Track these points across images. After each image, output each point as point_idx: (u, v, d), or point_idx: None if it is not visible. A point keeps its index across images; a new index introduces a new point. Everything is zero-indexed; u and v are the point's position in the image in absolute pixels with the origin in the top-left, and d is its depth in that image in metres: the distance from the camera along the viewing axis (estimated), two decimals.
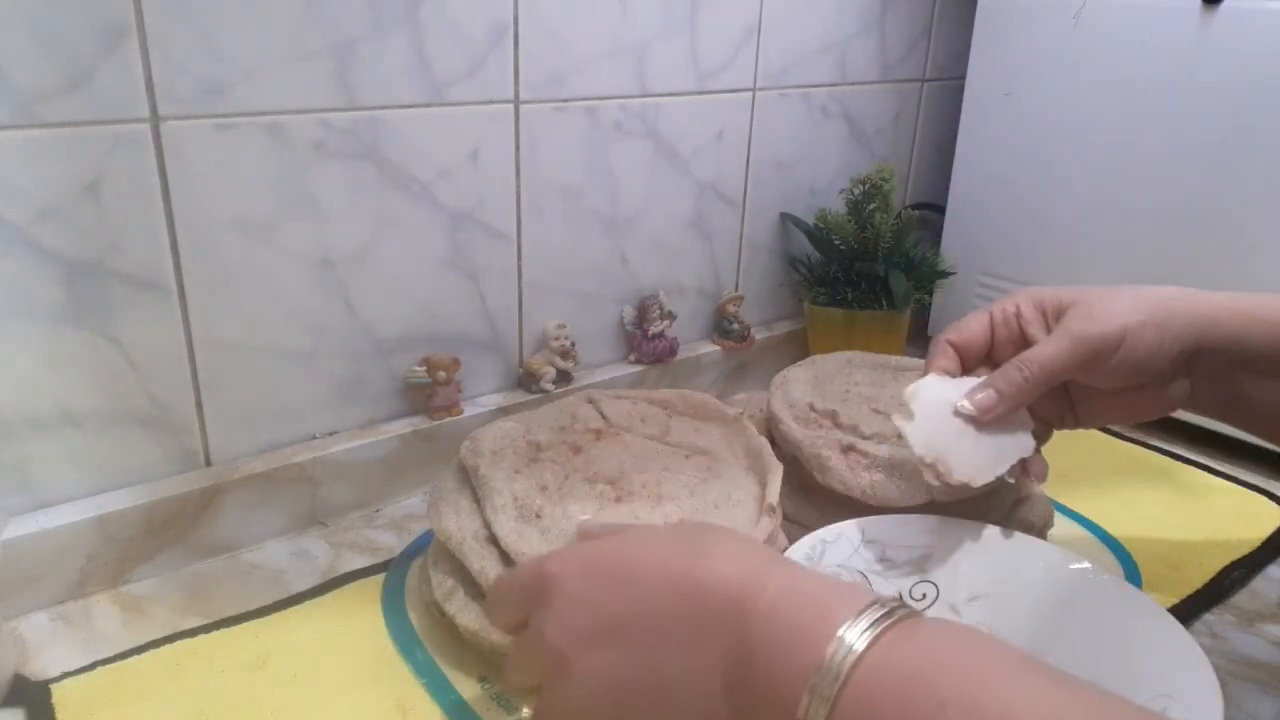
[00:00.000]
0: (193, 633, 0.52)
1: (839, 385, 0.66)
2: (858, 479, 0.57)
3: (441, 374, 0.67)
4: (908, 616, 0.30)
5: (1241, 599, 0.58)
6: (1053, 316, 0.50)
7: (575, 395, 0.63)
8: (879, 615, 0.30)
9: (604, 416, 0.61)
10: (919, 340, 0.96)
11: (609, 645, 0.34)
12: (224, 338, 0.59)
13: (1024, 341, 0.51)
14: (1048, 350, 0.48)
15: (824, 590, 0.32)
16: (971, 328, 0.52)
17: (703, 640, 0.33)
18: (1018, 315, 0.51)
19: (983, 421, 0.49)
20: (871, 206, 0.83)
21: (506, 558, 0.49)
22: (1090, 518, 0.66)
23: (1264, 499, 0.70)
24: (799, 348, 0.90)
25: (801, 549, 0.49)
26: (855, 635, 0.29)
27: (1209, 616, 0.56)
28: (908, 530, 0.52)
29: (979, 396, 0.49)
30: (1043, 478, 0.51)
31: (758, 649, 0.31)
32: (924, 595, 0.50)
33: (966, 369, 0.52)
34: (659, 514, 0.50)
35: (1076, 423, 0.53)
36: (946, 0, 0.94)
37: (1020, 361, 0.49)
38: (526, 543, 0.48)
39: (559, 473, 0.53)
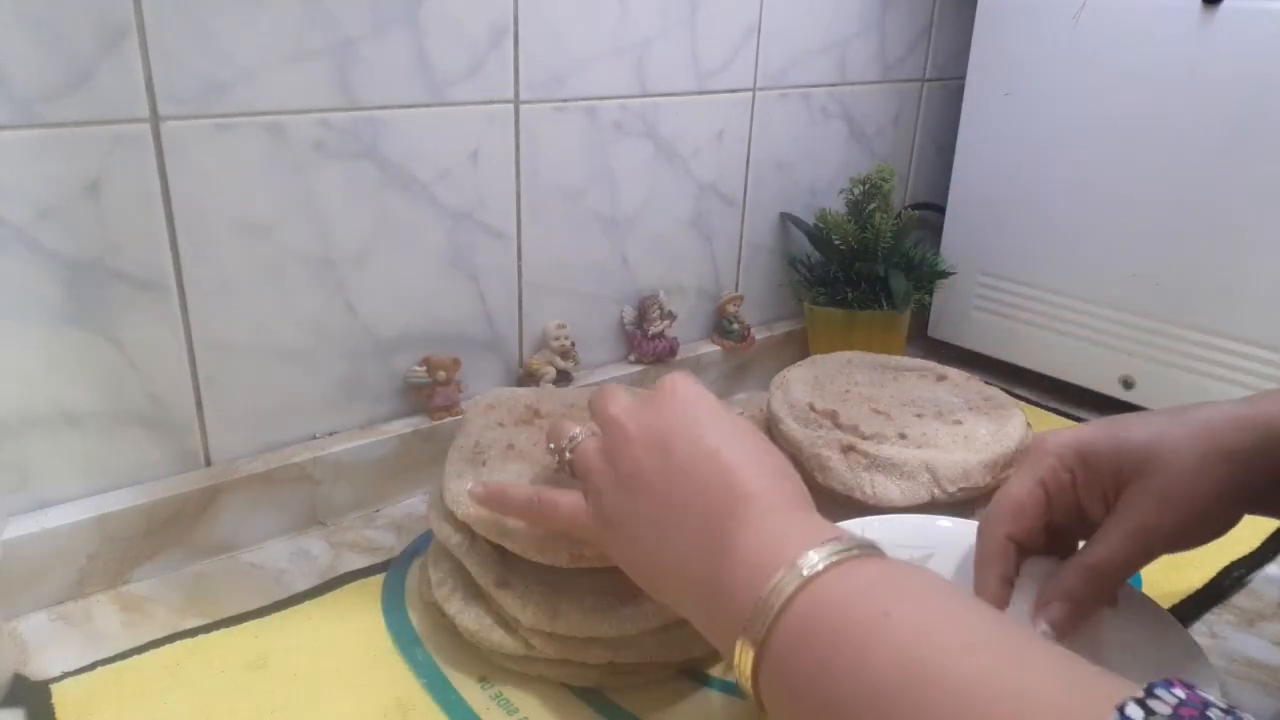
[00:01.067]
0: (193, 633, 0.52)
1: (839, 385, 0.66)
2: (858, 479, 0.57)
3: (441, 374, 0.67)
4: (871, 553, 0.34)
5: (1241, 599, 0.58)
6: (1111, 488, 0.43)
7: (608, 383, 0.64)
8: (846, 546, 0.34)
9: None
10: (919, 340, 0.96)
11: (655, 452, 0.40)
12: (224, 338, 0.59)
13: (1079, 511, 0.44)
14: (1109, 552, 0.42)
15: (806, 521, 0.37)
16: (1028, 513, 0.44)
17: (715, 516, 0.38)
18: (1073, 483, 0.44)
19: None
20: (871, 206, 0.83)
21: (503, 559, 0.49)
22: None
23: None
24: (799, 348, 0.90)
25: None
26: (818, 556, 0.33)
27: (1209, 616, 0.56)
28: (908, 530, 0.52)
29: (1055, 615, 0.42)
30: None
31: (738, 550, 0.36)
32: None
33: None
34: None
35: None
36: (946, 0, 0.94)
37: (1084, 570, 0.42)
38: (458, 481, 0.50)
39: (536, 438, 0.54)
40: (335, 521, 0.64)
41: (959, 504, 0.56)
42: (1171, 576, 0.59)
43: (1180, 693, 0.25)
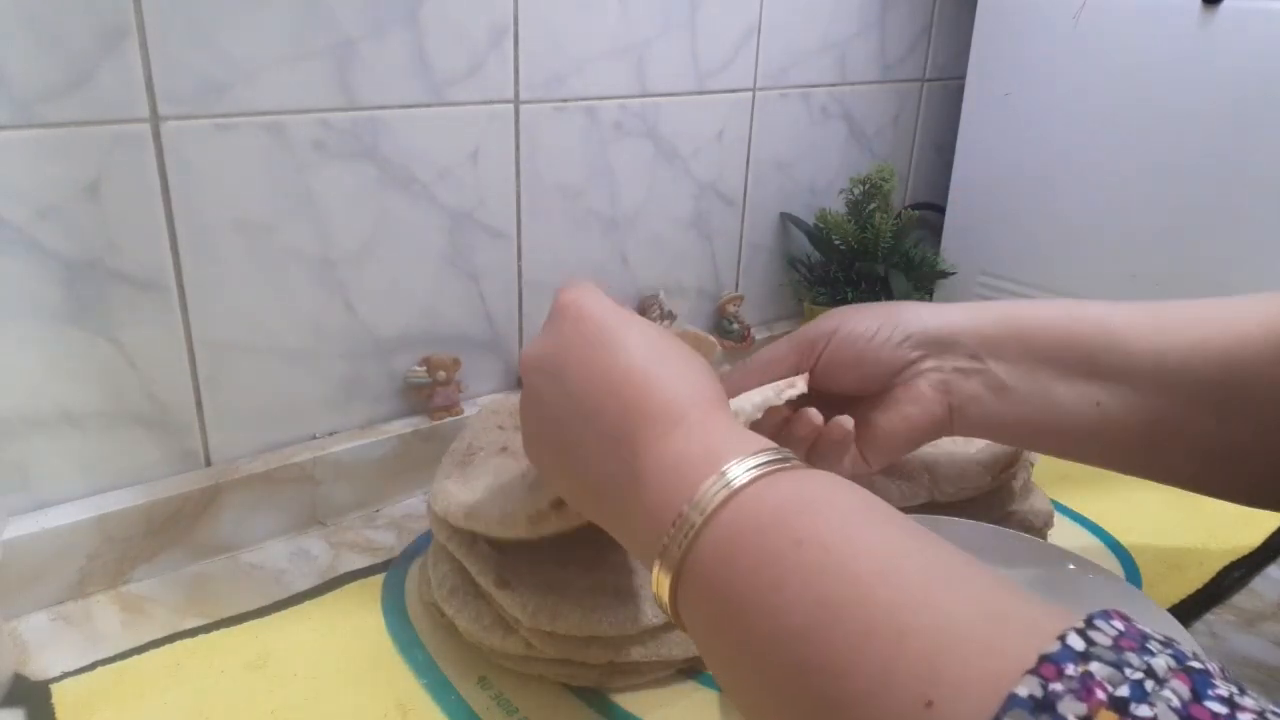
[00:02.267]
0: (193, 633, 0.52)
1: None
2: (857, 478, 0.56)
3: (441, 374, 0.67)
4: (795, 465, 0.32)
5: (1241, 599, 0.58)
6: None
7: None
8: (766, 460, 0.32)
9: None
10: None
11: (551, 380, 0.39)
12: (224, 338, 0.59)
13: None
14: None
15: (725, 431, 0.34)
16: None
17: (616, 440, 0.36)
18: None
19: None
20: (871, 206, 0.83)
21: (503, 559, 0.49)
22: (1090, 518, 0.66)
23: None
24: None
25: None
26: (736, 471, 0.31)
27: (1209, 616, 0.56)
28: None
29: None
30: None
31: (646, 475, 0.34)
32: None
33: None
34: None
35: (867, 464, 0.50)
36: (946, 0, 0.94)
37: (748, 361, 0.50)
38: (445, 480, 0.51)
39: None
40: (335, 521, 0.64)
41: (958, 504, 0.56)
42: (1171, 577, 0.59)
43: (1119, 624, 0.24)
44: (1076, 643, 0.23)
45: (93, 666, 0.49)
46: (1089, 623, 0.24)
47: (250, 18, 0.54)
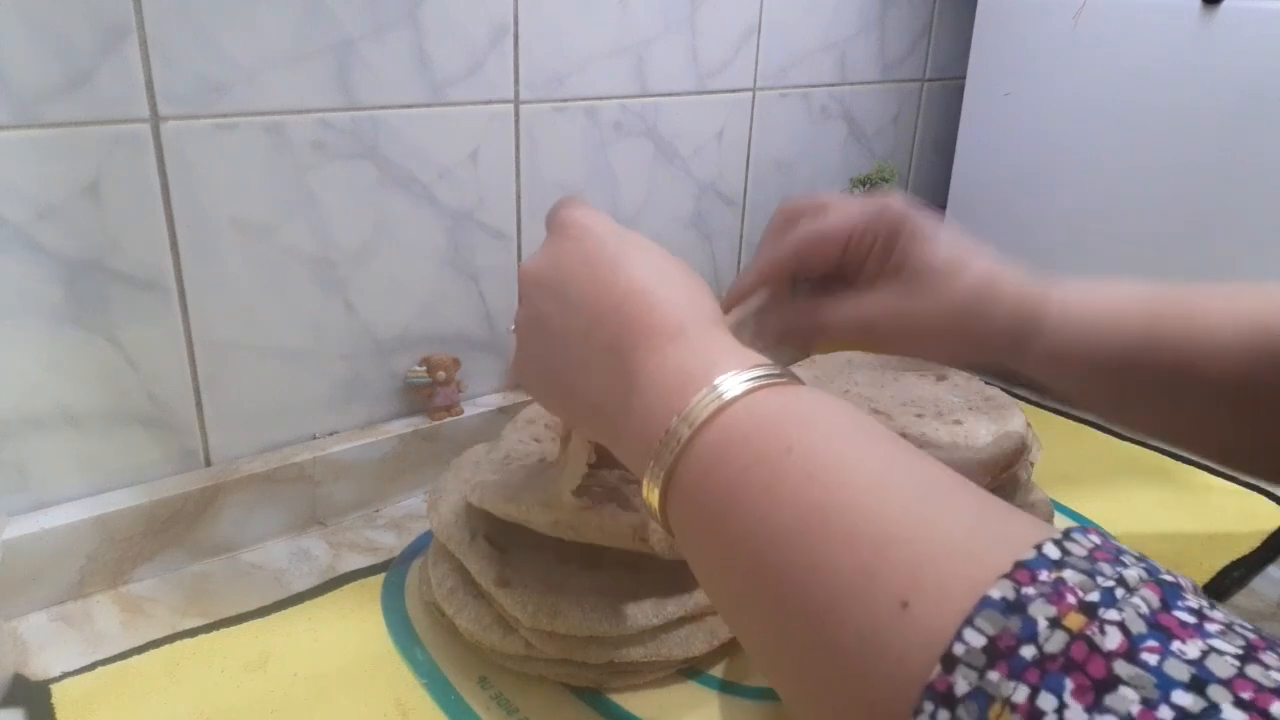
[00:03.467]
0: (193, 633, 0.52)
1: (839, 385, 0.66)
2: None
3: (441, 374, 0.67)
4: (788, 382, 0.33)
5: (1241, 599, 0.58)
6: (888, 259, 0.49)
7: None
8: (759, 375, 0.32)
9: None
10: None
11: (551, 296, 0.40)
12: (224, 338, 0.59)
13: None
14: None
15: (721, 347, 0.35)
16: (824, 254, 0.51)
17: (616, 353, 0.36)
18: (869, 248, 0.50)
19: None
20: None
21: (504, 559, 0.49)
22: (1090, 518, 0.66)
23: (1264, 499, 0.70)
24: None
25: None
26: (728, 384, 0.32)
27: None
28: None
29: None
30: None
31: (640, 387, 0.34)
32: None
33: None
34: None
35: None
36: (946, 0, 0.94)
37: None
38: (479, 480, 0.50)
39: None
40: (335, 521, 0.64)
41: None
42: None
43: (1095, 538, 0.25)
44: (1052, 551, 0.24)
45: (93, 666, 0.49)
46: (1066, 534, 0.25)
47: (250, 18, 0.54)
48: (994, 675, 0.22)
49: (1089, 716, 0.20)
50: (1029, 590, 0.23)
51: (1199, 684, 0.20)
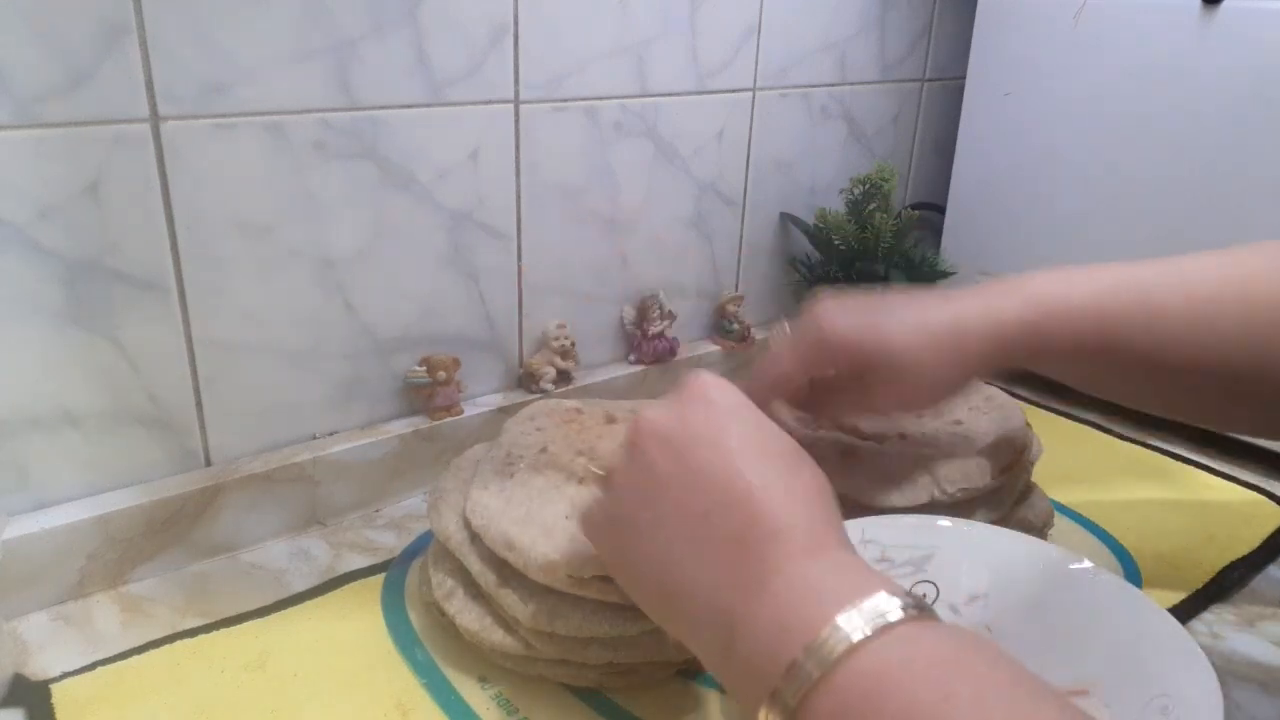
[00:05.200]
0: (193, 633, 0.52)
1: None
2: (857, 479, 0.57)
3: (441, 374, 0.67)
4: (922, 615, 0.30)
5: (1241, 599, 0.58)
6: (854, 374, 0.50)
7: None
8: (894, 606, 0.30)
9: None
10: None
11: (674, 458, 0.37)
12: (224, 338, 0.59)
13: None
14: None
15: (839, 567, 0.33)
16: (787, 389, 0.53)
17: (739, 543, 0.34)
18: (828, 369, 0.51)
19: None
20: (871, 206, 0.83)
21: (503, 560, 0.49)
22: (1090, 518, 0.66)
23: (1264, 499, 0.70)
24: None
25: None
26: (861, 618, 0.29)
27: (1209, 616, 0.56)
28: (908, 530, 0.52)
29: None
30: None
31: (759, 593, 0.32)
32: (924, 595, 0.50)
33: None
34: None
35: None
36: (946, 0, 0.94)
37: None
38: (483, 491, 0.50)
39: (573, 439, 0.54)
40: (335, 521, 0.64)
41: (959, 504, 0.56)
42: (1171, 577, 0.59)
43: None
44: None
45: (93, 666, 0.49)
46: None
47: (250, 18, 0.54)
48: None
49: None
50: None
51: None
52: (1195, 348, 0.47)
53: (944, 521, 0.52)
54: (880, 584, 0.31)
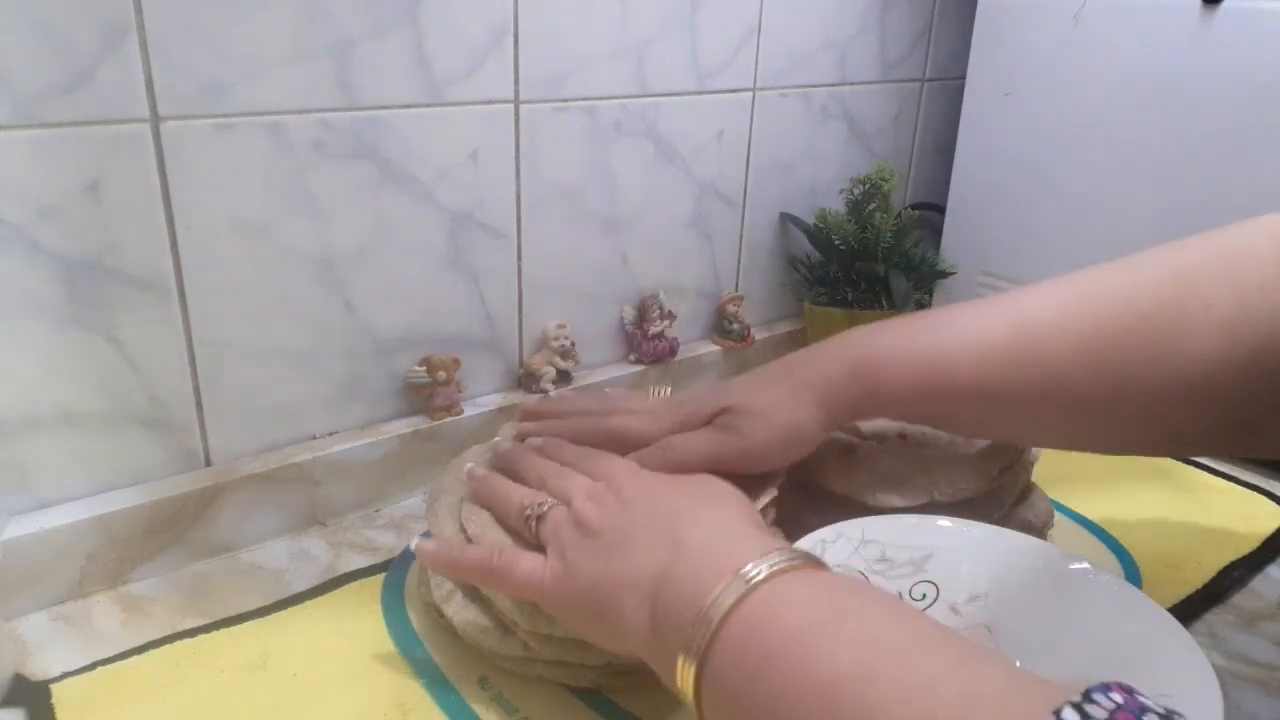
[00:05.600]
0: (193, 633, 0.52)
1: None
2: (857, 479, 0.57)
3: (441, 374, 0.67)
4: (814, 564, 0.35)
5: (1241, 599, 0.58)
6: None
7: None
8: (787, 557, 0.35)
9: None
10: None
11: (618, 507, 0.43)
12: (224, 338, 0.59)
13: None
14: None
15: (745, 537, 0.38)
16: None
17: (652, 547, 0.40)
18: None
19: None
20: (871, 206, 0.83)
21: None
22: (1090, 518, 0.66)
23: (1264, 499, 0.70)
24: (799, 348, 0.90)
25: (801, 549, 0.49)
26: (759, 566, 0.34)
27: (1209, 616, 0.56)
28: (907, 530, 0.52)
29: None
30: None
31: (671, 575, 0.37)
32: (924, 595, 0.50)
33: None
34: None
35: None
36: (946, 0, 0.94)
37: (667, 444, 0.50)
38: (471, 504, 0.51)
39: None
40: (335, 521, 0.64)
41: (958, 504, 0.56)
42: (1171, 576, 0.59)
43: (1118, 696, 0.24)
44: (1071, 716, 0.24)
45: (93, 666, 0.49)
46: (1086, 696, 0.25)
47: (250, 18, 0.54)
48: None
49: None
50: None
51: None
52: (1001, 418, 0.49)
53: (944, 521, 0.52)
54: (781, 545, 0.36)
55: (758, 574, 0.34)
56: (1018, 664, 0.33)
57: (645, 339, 0.79)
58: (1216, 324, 0.43)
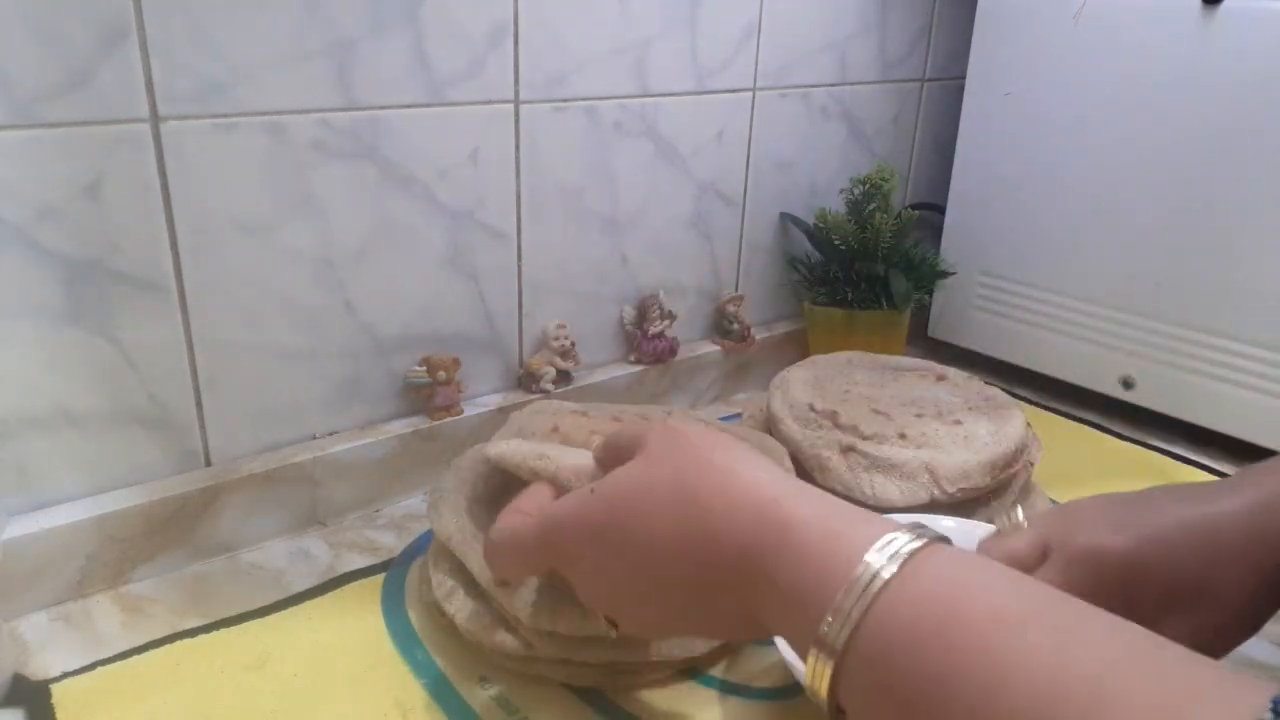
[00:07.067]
0: (193, 633, 0.52)
1: (839, 385, 0.66)
2: (857, 479, 0.57)
3: (441, 374, 0.67)
4: (936, 539, 0.31)
5: None
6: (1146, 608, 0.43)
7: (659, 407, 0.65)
8: (910, 537, 0.31)
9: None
10: (919, 340, 0.96)
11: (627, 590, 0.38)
12: (224, 338, 0.59)
13: None
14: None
15: (851, 514, 0.33)
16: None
17: (715, 595, 0.35)
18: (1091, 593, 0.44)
19: None
20: (871, 206, 0.83)
21: None
22: None
23: None
24: (799, 348, 0.90)
25: None
26: (883, 554, 0.30)
27: None
28: None
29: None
30: None
31: (778, 591, 0.33)
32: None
33: None
34: None
35: None
36: (946, 0, 0.94)
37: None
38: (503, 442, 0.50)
39: (580, 428, 0.54)
40: (335, 521, 0.64)
41: (959, 504, 0.56)
42: None
43: None
44: None
45: (93, 666, 0.49)
46: (1276, 707, 0.23)
47: (250, 18, 0.55)
48: None
49: None
50: None
51: None
52: None
53: (945, 521, 0.52)
54: (892, 521, 0.32)
55: (887, 566, 0.30)
56: None
57: (645, 339, 0.79)
58: None
